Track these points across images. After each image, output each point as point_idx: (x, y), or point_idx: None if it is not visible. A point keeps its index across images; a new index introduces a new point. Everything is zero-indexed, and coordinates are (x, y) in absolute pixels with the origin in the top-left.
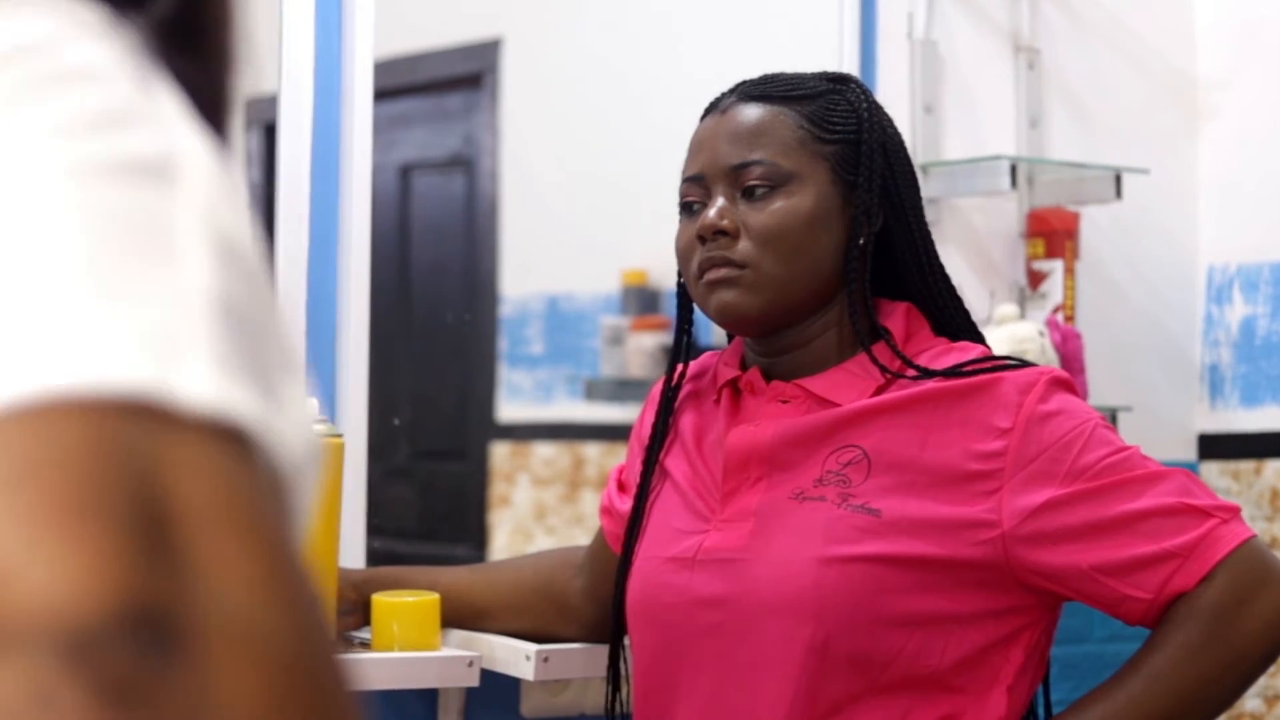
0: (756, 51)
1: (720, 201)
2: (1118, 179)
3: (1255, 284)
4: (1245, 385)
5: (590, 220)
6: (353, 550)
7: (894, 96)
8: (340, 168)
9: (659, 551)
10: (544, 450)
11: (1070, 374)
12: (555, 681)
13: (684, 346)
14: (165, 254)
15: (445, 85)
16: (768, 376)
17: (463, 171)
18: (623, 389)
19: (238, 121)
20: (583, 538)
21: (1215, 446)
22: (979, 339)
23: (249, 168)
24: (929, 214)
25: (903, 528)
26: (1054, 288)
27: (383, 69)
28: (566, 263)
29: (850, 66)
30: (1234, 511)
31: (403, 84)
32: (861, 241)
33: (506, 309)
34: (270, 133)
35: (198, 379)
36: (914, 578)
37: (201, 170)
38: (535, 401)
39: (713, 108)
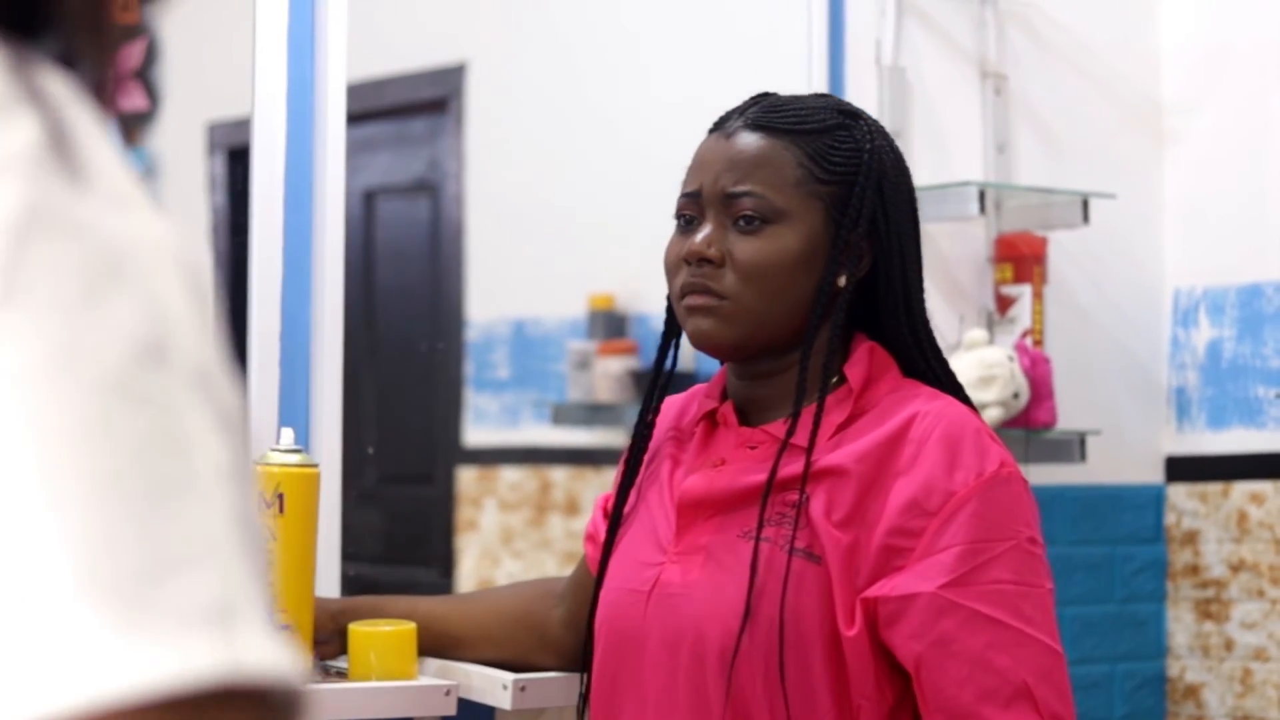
0: (724, 78)
1: (709, 228)
2: (1085, 204)
3: (1221, 307)
4: (1212, 408)
5: (556, 244)
6: (328, 577)
7: None
8: (314, 194)
9: (622, 583)
10: (511, 475)
11: (1038, 398)
12: (532, 711)
13: (667, 370)
14: (187, 468)
15: (410, 110)
16: (741, 411)
17: (428, 196)
18: (590, 413)
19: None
20: (550, 562)
21: (1182, 469)
22: (953, 386)
23: (213, 192)
24: None
25: (834, 579)
26: (1022, 312)
27: (347, 93)
28: (533, 287)
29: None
30: None
31: (367, 109)
32: (841, 283)
33: (472, 333)
34: (234, 157)
35: (257, 647)
36: (830, 632)
37: (176, 302)
38: (502, 426)
39: (719, 125)
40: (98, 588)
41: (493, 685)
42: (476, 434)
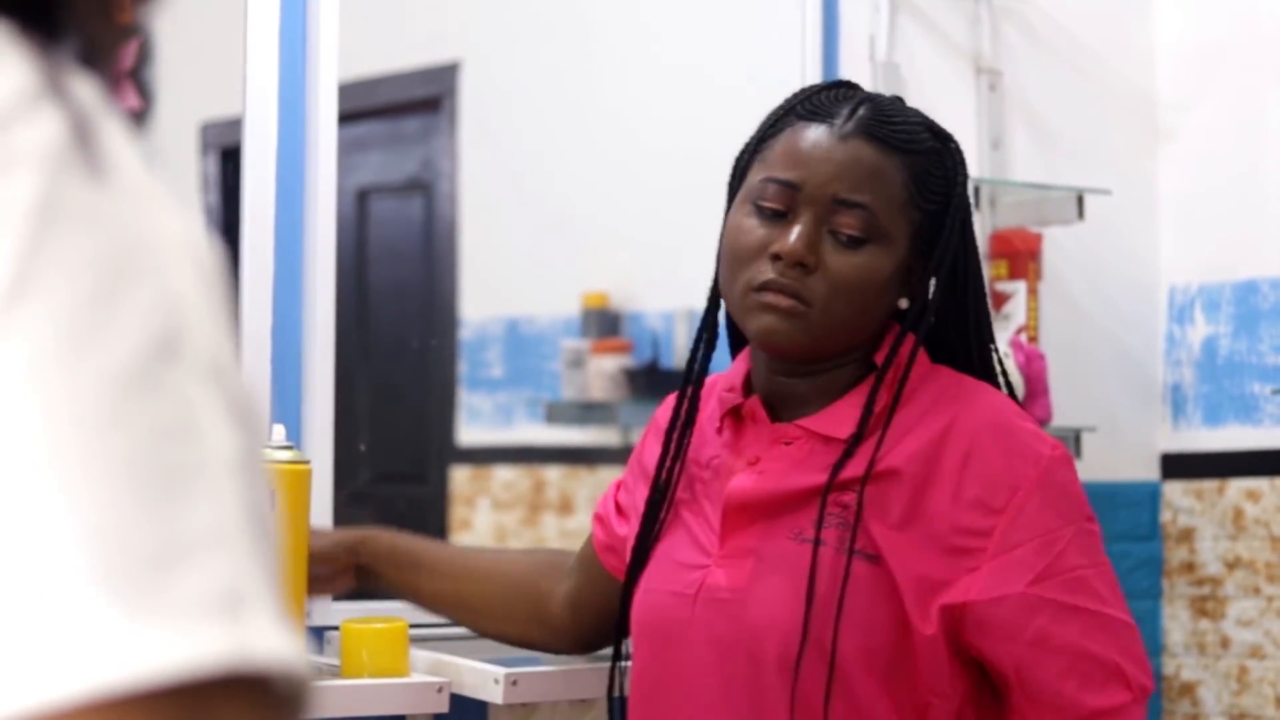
0: (718, 76)
1: (806, 229)
2: (1080, 200)
3: (1217, 304)
4: (1207, 405)
5: (550, 243)
6: None
7: None
8: (305, 193)
9: (661, 584)
10: (504, 474)
11: (1033, 394)
12: (524, 705)
13: (701, 364)
14: (199, 459)
15: (403, 109)
16: (770, 405)
17: (421, 195)
18: (584, 412)
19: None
20: None
21: (1178, 466)
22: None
23: (206, 192)
24: None
25: (899, 580)
26: (1017, 309)
27: (340, 93)
28: (526, 286)
29: None
30: (1147, 693)
31: (360, 108)
32: (904, 306)
33: (466, 332)
34: (227, 157)
35: (266, 636)
36: (895, 632)
37: (189, 293)
38: (495, 425)
39: (823, 116)
40: (109, 574)
41: (484, 680)
42: (470, 433)
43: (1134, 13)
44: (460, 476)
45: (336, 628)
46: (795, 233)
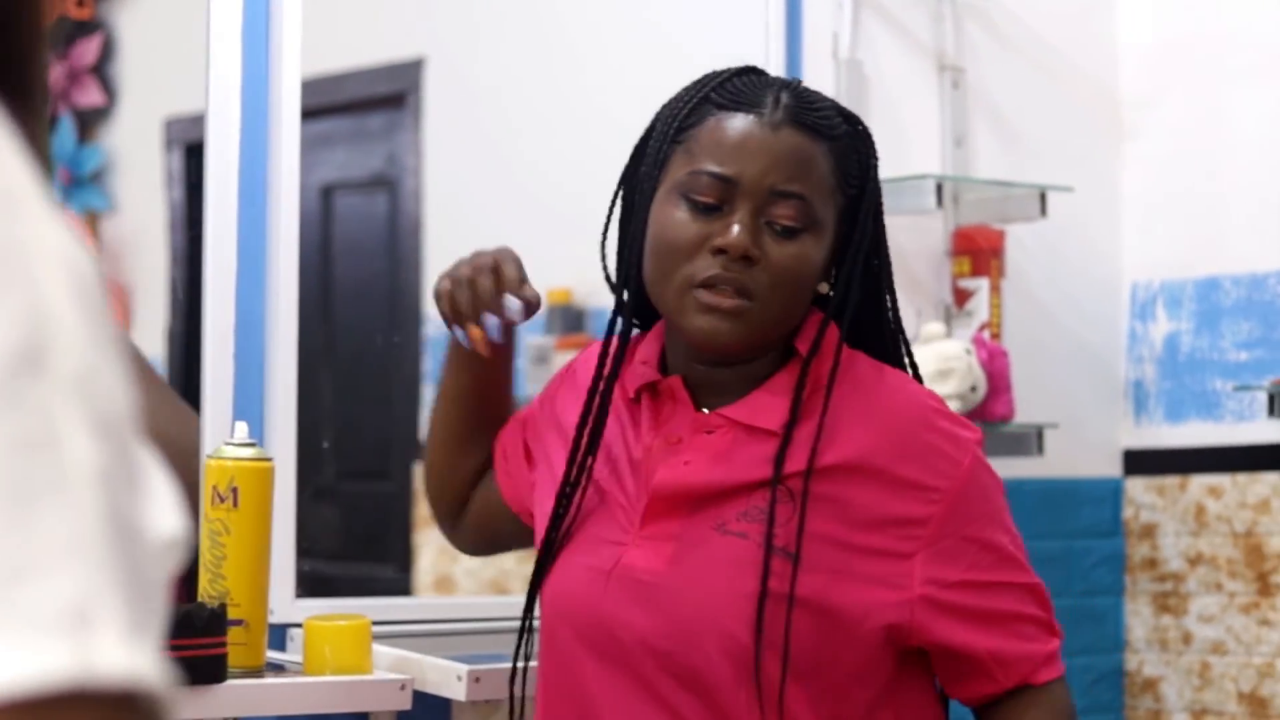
0: (680, 72)
1: (747, 220)
2: (1042, 197)
3: (1179, 300)
4: (1169, 401)
5: (514, 239)
6: (283, 572)
7: None
8: (268, 189)
9: (579, 558)
10: None
11: (996, 391)
12: (486, 702)
13: (618, 355)
14: (56, 471)
15: (367, 105)
16: (688, 388)
17: (385, 191)
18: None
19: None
20: (508, 557)
21: (1140, 462)
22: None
23: (170, 187)
24: None
25: (819, 575)
26: (980, 305)
27: (304, 89)
28: None
29: None
30: (1061, 637)
31: (324, 104)
32: (824, 290)
33: (430, 328)
34: (191, 153)
35: (115, 651)
36: (823, 626)
37: (62, 303)
38: None
39: (751, 106)
40: None
41: (447, 677)
42: None
43: (1097, 11)
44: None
45: (300, 625)
46: (736, 227)
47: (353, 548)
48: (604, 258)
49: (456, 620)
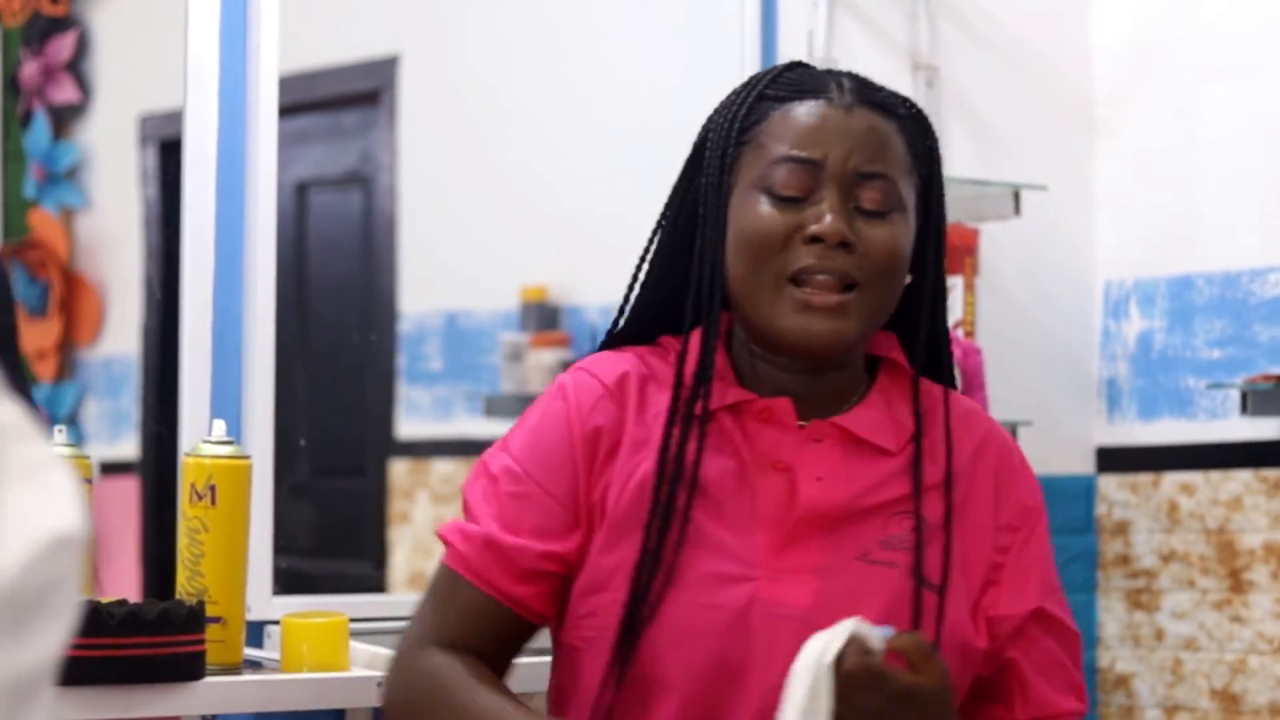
0: (655, 71)
1: (837, 205)
2: (1016, 195)
3: (1152, 299)
4: (1142, 399)
5: (489, 237)
6: (260, 569)
7: None
8: (245, 187)
9: (695, 596)
10: (443, 467)
11: (971, 389)
12: None
13: (706, 373)
14: None
15: (342, 102)
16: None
17: (360, 189)
18: (523, 405)
19: None
20: None
21: (1113, 460)
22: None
23: (145, 184)
24: None
25: (960, 606)
26: (954, 303)
27: (279, 86)
28: (465, 280)
29: None
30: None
31: (299, 101)
32: (909, 280)
33: (405, 326)
34: (166, 149)
35: None
36: (955, 657)
37: None
38: (434, 418)
39: (816, 93)
40: None
41: None
42: (409, 426)
43: (1070, 10)
44: (399, 470)
45: (277, 622)
46: (829, 213)
47: (328, 545)
48: (627, 298)
49: None
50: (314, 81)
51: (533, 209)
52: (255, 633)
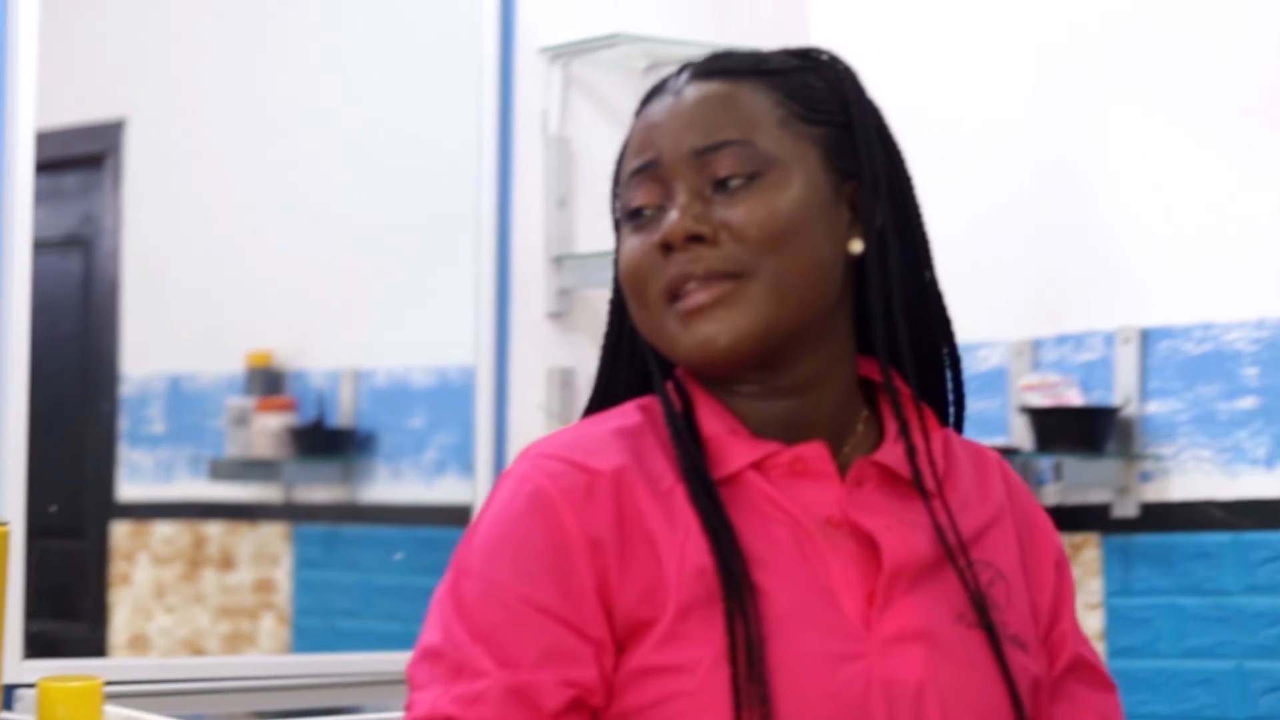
0: (390, 141)
1: (683, 198)
2: None
3: None
4: None
5: (214, 301)
6: (12, 634)
7: (530, 191)
8: (1, 248)
9: (812, 687)
10: (165, 529)
11: None
12: None
13: (689, 430)
14: None
15: (64, 164)
16: (794, 438)
17: (80, 251)
18: (247, 469)
19: None
20: (202, 616)
21: None
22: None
23: None
24: (559, 304)
25: (1039, 659)
26: None
27: None
28: (189, 343)
29: (488, 163)
30: None
31: None
32: (858, 249)
33: (127, 388)
34: None
35: None
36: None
37: None
38: (156, 481)
39: (658, 91)
40: None
41: None
42: (130, 489)
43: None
44: (120, 532)
45: (32, 685)
46: (674, 212)
47: (47, 605)
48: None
49: (190, 680)
50: (37, 143)
51: (259, 274)
52: (7, 696)
